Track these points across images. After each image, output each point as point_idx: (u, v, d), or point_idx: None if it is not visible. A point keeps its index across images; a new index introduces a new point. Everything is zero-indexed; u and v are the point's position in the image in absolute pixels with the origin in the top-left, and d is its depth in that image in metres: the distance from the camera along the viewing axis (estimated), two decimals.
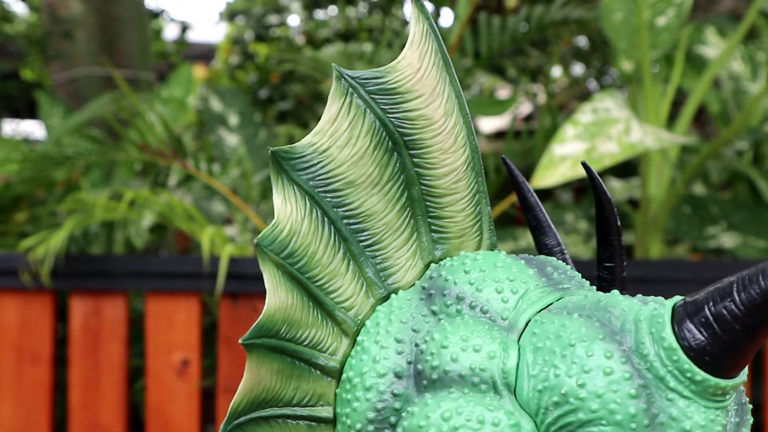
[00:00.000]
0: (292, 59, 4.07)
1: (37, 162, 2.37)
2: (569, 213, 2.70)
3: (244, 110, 3.10)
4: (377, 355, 0.65)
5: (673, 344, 0.58)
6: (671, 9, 2.33)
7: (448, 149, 0.69)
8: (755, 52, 2.69)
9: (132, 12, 3.79)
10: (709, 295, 0.57)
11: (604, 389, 0.57)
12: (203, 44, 7.59)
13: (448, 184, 0.69)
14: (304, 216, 0.66)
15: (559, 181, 1.90)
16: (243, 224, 2.59)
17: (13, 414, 2.16)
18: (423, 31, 0.68)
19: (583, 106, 2.07)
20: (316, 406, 0.66)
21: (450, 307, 0.66)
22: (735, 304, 0.56)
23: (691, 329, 0.57)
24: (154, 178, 2.77)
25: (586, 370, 0.58)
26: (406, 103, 0.67)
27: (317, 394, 0.66)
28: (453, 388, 0.61)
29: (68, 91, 3.67)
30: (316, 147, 0.66)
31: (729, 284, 0.57)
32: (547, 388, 0.59)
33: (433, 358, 0.62)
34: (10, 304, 2.16)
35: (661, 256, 2.33)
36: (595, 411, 0.57)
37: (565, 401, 0.58)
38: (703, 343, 0.57)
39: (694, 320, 0.57)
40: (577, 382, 0.58)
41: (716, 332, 0.57)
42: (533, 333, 0.62)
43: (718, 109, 2.64)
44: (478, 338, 0.62)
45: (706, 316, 0.57)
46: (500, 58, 4.13)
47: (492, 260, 0.68)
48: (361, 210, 0.67)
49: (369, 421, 0.63)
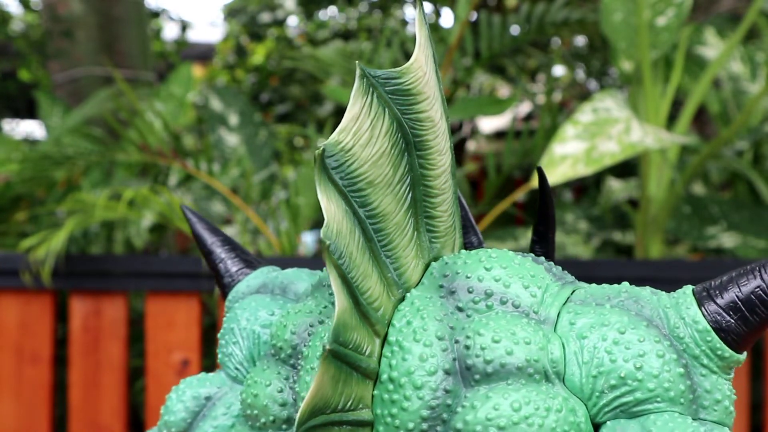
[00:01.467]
0: (292, 57, 4.07)
1: (37, 162, 2.37)
2: (569, 213, 2.70)
3: (244, 110, 3.10)
4: (423, 354, 0.66)
5: (707, 327, 0.66)
6: (671, 9, 2.33)
7: (442, 150, 0.71)
8: (755, 53, 2.69)
9: (132, 12, 3.79)
10: (732, 281, 0.66)
11: (659, 370, 0.64)
12: (203, 44, 7.58)
13: (440, 185, 0.71)
14: (343, 216, 0.66)
15: (559, 180, 1.90)
16: (243, 224, 2.59)
17: (13, 414, 2.16)
18: (426, 35, 0.69)
19: (583, 105, 2.07)
20: (356, 409, 0.67)
21: (479, 303, 0.68)
22: (762, 289, 0.65)
23: (720, 312, 0.66)
24: (154, 178, 2.77)
25: (641, 354, 0.64)
26: (417, 105, 0.68)
27: (358, 397, 0.67)
28: (510, 380, 0.64)
29: (68, 91, 3.67)
30: (342, 146, 0.66)
31: (751, 270, 0.66)
32: (602, 372, 0.64)
33: (485, 353, 0.65)
34: (10, 304, 2.16)
35: (661, 256, 2.33)
36: (652, 390, 0.64)
37: (622, 383, 0.64)
38: (732, 324, 0.65)
39: (721, 304, 0.66)
40: (635, 365, 0.64)
41: (744, 314, 0.65)
42: (571, 324, 0.67)
43: (718, 109, 2.64)
44: (524, 332, 0.66)
45: (734, 300, 0.65)
46: (500, 58, 4.13)
47: (508, 257, 0.71)
48: (379, 210, 0.68)
49: (423, 420, 0.65)
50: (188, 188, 2.93)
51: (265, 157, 2.96)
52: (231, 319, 0.82)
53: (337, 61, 2.76)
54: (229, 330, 0.81)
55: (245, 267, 0.87)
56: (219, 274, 0.88)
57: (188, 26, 5.83)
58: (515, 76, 4.35)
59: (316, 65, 2.95)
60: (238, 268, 0.87)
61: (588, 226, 2.66)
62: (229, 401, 0.80)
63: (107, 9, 3.71)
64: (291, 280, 0.84)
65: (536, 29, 2.67)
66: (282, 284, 0.84)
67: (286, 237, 2.41)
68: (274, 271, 0.86)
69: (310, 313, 0.73)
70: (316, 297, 0.76)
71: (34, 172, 2.41)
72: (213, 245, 0.88)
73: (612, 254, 2.64)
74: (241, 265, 0.88)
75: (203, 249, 0.89)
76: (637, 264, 2.01)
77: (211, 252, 0.88)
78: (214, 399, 0.81)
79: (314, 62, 2.83)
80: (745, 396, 1.94)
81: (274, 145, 3.14)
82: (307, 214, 2.45)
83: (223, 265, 0.87)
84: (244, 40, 5.72)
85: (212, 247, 0.88)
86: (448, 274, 0.71)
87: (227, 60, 5.95)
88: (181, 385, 0.82)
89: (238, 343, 0.81)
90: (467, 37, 2.65)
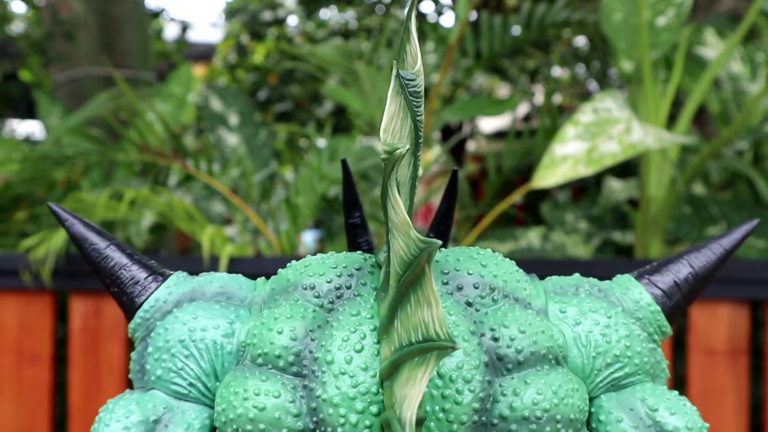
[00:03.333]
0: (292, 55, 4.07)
1: (37, 162, 2.37)
2: (569, 213, 2.70)
3: (244, 110, 3.10)
4: (466, 349, 0.69)
5: (657, 308, 0.79)
6: (671, 9, 2.33)
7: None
8: (755, 53, 2.69)
9: (132, 12, 3.79)
10: (668, 269, 0.80)
11: (640, 347, 0.75)
12: (203, 44, 7.58)
13: (411, 188, 0.74)
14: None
15: (560, 181, 1.90)
16: (243, 224, 2.59)
17: (13, 414, 2.16)
18: (415, 32, 0.71)
19: (583, 106, 2.07)
20: None
21: (485, 298, 0.73)
22: (692, 275, 0.80)
23: (663, 296, 0.79)
24: (154, 178, 2.76)
25: (627, 335, 0.75)
26: (421, 107, 0.70)
27: None
28: (538, 366, 0.70)
29: (68, 91, 3.67)
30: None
31: (680, 259, 0.80)
32: (600, 353, 0.74)
33: (515, 343, 0.70)
34: (10, 304, 2.16)
35: (661, 256, 2.33)
36: (637, 365, 0.75)
37: (616, 361, 0.74)
38: (674, 306, 0.79)
39: (664, 289, 0.79)
40: (625, 345, 0.74)
41: (680, 297, 0.79)
42: (562, 312, 0.75)
43: (718, 109, 2.64)
44: (537, 322, 0.72)
45: (672, 285, 0.80)
46: (500, 58, 4.13)
47: (493, 255, 0.77)
48: None
49: (475, 411, 0.68)
50: (188, 188, 2.93)
51: (265, 157, 2.96)
52: (172, 331, 0.75)
53: (336, 59, 2.75)
54: (175, 342, 0.74)
55: (154, 274, 0.80)
56: (121, 283, 0.79)
57: (188, 27, 5.83)
58: (515, 77, 4.35)
59: (315, 64, 2.95)
60: (147, 275, 0.80)
61: (588, 226, 2.66)
62: (185, 421, 0.73)
63: (107, 9, 3.71)
64: (232, 287, 0.79)
65: (537, 29, 2.66)
66: (222, 291, 0.78)
67: (286, 237, 2.41)
68: (193, 278, 0.81)
69: (303, 318, 0.71)
70: (286, 303, 0.73)
71: (34, 172, 2.41)
72: (109, 249, 0.80)
73: (612, 254, 2.64)
74: (147, 271, 0.80)
75: (95, 254, 0.80)
76: (637, 264, 2.01)
77: (107, 257, 0.79)
78: (164, 421, 0.73)
79: (314, 60, 2.83)
80: (745, 396, 1.94)
81: (274, 145, 3.14)
82: (307, 214, 2.45)
83: (126, 272, 0.79)
84: (244, 39, 5.72)
85: (108, 251, 0.80)
86: (448, 270, 0.74)
87: (227, 60, 5.95)
88: (117, 409, 0.73)
89: (192, 356, 0.74)
90: (467, 37, 2.64)
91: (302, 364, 0.70)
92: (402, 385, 0.65)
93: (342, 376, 0.68)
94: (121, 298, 0.79)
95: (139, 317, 0.78)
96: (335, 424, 0.67)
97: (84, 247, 0.80)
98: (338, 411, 0.67)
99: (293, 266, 0.78)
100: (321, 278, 0.74)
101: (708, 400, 1.95)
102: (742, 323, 1.95)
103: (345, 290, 0.74)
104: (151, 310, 0.78)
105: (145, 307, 0.78)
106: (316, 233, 4.23)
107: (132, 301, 0.79)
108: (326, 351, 0.69)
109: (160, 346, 0.75)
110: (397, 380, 0.66)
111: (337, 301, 0.74)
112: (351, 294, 0.74)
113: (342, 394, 0.68)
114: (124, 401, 0.73)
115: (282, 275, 0.77)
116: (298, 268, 0.77)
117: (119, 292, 0.79)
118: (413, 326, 0.65)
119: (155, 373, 0.75)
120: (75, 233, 0.80)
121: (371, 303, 0.74)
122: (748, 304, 1.96)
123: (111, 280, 0.79)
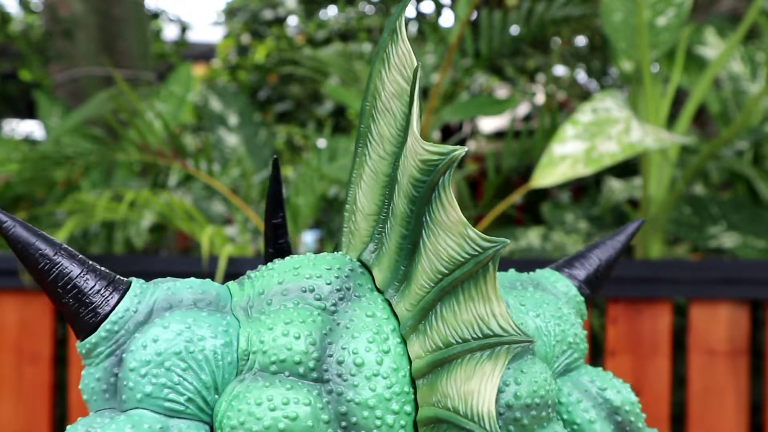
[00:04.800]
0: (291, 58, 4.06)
1: (37, 162, 2.37)
2: (569, 213, 2.70)
3: (243, 110, 3.10)
4: None
5: (582, 298, 0.86)
6: (671, 9, 2.33)
7: None
8: (755, 53, 2.69)
9: (132, 12, 3.79)
10: (581, 263, 0.88)
11: (583, 333, 0.82)
12: (203, 44, 7.58)
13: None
14: None
15: (559, 180, 1.90)
16: (243, 224, 2.59)
17: (13, 414, 2.16)
18: (405, 32, 0.74)
19: (583, 105, 2.07)
20: None
21: None
22: (600, 267, 0.88)
23: (582, 287, 0.87)
24: (154, 178, 2.76)
25: (573, 323, 0.81)
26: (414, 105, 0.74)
27: None
28: (525, 357, 0.74)
29: (68, 91, 3.67)
30: None
31: (590, 254, 0.89)
32: (559, 341, 0.79)
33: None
34: (10, 304, 2.16)
35: (661, 256, 2.33)
36: (582, 350, 0.81)
37: (569, 348, 0.80)
38: (589, 295, 0.87)
39: (582, 280, 0.87)
40: (574, 332, 0.81)
41: (594, 287, 0.88)
42: (522, 305, 0.80)
43: (718, 109, 2.64)
44: (516, 315, 0.79)
45: (588, 277, 0.87)
46: (500, 58, 4.13)
47: None
48: None
49: None
50: (188, 188, 2.93)
51: (265, 157, 2.96)
52: (164, 343, 0.68)
53: (336, 61, 2.75)
54: (170, 355, 0.68)
55: (113, 282, 0.71)
56: (79, 293, 0.70)
57: (188, 27, 5.83)
58: (514, 77, 4.35)
59: (314, 67, 2.94)
60: (106, 283, 0.71)
61: (588, 226, 2.66)
62: None
63: (107, 9, 3.71)
64: (208, 292, 0.73)
65: (537, 27, 2.66)
66: (202, 297, 0.73)
67: None
68: (155, 284, 0.73)
69: (314, 322, 0.70)
70: (288, 307, 0.71)
71: (34, 172, 2.41)
72: (59, 256, 0.70)
73: None
74: (105, 279, 0.71)
75: (43, 261, 0.69)
76: (637, 264, 2.01)
77: (59, 264, 0.70)
78: None
79: (314, 62, 2.83)
80: (745, 396, 1.94)
81: (274, 145, 3.14)
82: (307, 213, 2.45)
83: (83, 281, 0.70)
84: (245, 39, 5.72)
85: (59, 258, 0.70)
86: None
87: (228, 59, 5.95)
88: None
89: (191, 369, 0.68)
90: (467, 37, 2.64)
91: (322, 369, 0.68)
92: (460, 381, 0.66)
93: (375, 377, 0.68)
94: (77, 310, 0.70)
95: (105, 330, 0.70)
96: (371, 427, 0.67)
97: (29, 253, 0.69)
98: (374, 413, 0.67)
99: (278, 268, 0.74)
100: (319, 280, 0.72)
101: (708, 400, 1.95)
102: (742, 323, 1.95)
103: (345, 291, 0.73)
104: (120, 321, 0.70)
105: (113, 318, 0.70)
106: (316, 233, 4.23)
107: (94, 312, 0.70)
108: (352, 354, 0.69)
109: (148, 360, 0.68)
110: (445, 377, 0.67)
111: (340, 303, 0.72)
112: (352, 295, 0.73)
113: (377, 396, 0.67)
114: (115, 426, 0.66)
115: (268, 278, 0.74)
116: (286, 270, 0.74)
117: (75, 304, 0.70)
118: (465, 323, 0.67)
119: (142, 391, 0.67)
120: (17, 237, 0.69)
121: (380, 304, 0.73)
122: (748, 304, 1.96)
123: (64, 291, 0.69)
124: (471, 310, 0.67)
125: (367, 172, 0.76)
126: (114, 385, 0.70)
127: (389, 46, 0.73)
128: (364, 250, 0.76)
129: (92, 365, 0.71)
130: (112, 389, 0.70)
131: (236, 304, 0.73)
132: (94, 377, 0.70)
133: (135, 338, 0.69)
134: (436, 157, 0.65)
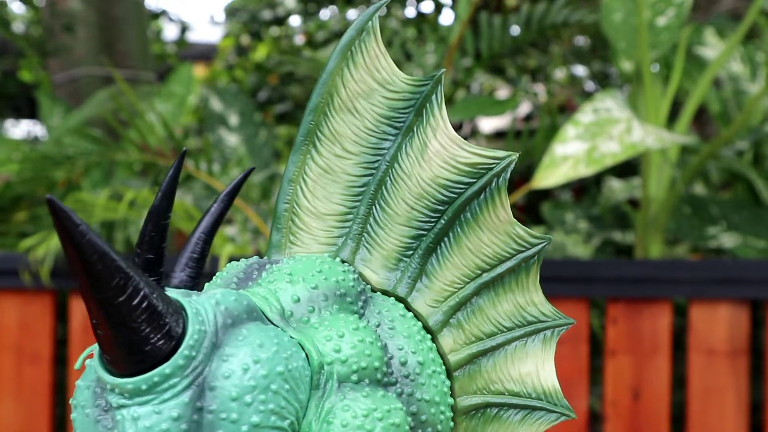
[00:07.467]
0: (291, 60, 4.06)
1: (37, 162, 2.37)
2: (569, 213, 2.70)
3: (244, 110, 3.10)
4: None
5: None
6: (671, 9, 2.33)
7: None
8: (755, 53, 2.69)
9: (132, 12, 3.79)
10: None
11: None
12: (203, 44, 7.58)
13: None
14: None
15: (560, 181, 1.90)
16: (243, 224, 2.59)
17: (13, 414, 2.16)
18: (378, 33, 0.74)
19: (584, 106, 2.07)
20: None
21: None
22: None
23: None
24: (154, 178, 2.76)
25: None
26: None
27: None
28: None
29: (68, 91, 3.67)
30: None
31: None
32: None
33: None
34: (10, 304, 2.16)
35: (661, 256, 2.33)
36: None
37: None
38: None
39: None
40: None
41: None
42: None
43: (718, 109, 2.64)
44: None
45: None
46: (500, 58, 4.13)
47: None
48: None
49: None
50: (188, 188, 2.93)
51: (265, 157, 2.96)
52: (267, 363, 0.59)
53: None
54: (274, 377, 0.59)
55: (171, 301, 0.59)
56: (155, 314, 0.56)
57: (188, 28, 5.83)
58: (515, 77, 4.35)
59: (314, 67, 2.94)
60: (169, 300, 0.58)
61: (588, 226, 2.66)
62: None
63: (107, 9, 3.71)
64: (249, 301, 0.63)
65: (537, 29, 2.66)
66: (249, 308, 0.63)
67: None
68: (193, 296, 0.62)
69: (366, 328, 0.67)
70: (338, 312, 0.67)
71: (34, 172, 2.41)
72: (132, 270, 0.55)
73: (612, 254, 2.64)
74: (166, 298, 0.58)
75: (119, 276, 0.54)
76: (637, 264, 2.01)
77: (131, 279, 0.55)
78: None
79: (313, 64, 2.83)
80: (745, 396, 1.94)
81: (274, 145, 3.14)
82: None
83: (156, 300, 0.56)
84: (244, 39, 5.72)
85: (132, 272, 0.55)
86: None
87: (228, 60, 5.95)
88: None
89: (292, 390, 0.60)
90: (467, 37, 2.64)
91: (390, 372, 0.67)
92: (512, 366, 0.72)
93: (434, 374, 0.70)
94: (149, 335, 0.56)
95: (183, 357, 0.57)
96: (435, 422, 0.69)
97: (106, 265, 0.54)
98: (439, 408, 0.70)
99: (300, 271, 0.68)
100: (344, 283, 0.69)
101: (708, 400, 1.95)
102: (742, 323, 1.95)
103: (365, 294, 0.71)
104: (196, 345, 0.58)
105: (189, 342, 0.57)
106: None
107: (168, 336, 0.57)
108: (412, 354, 0.69)
109: (253, 385, 0.58)
110: (492, 365, 0.72)
111: (365, 306, 0.70)
112: (368, 297, 0.72)
113: (439, 392, 0.70)
114: None
115: (295, 282, 0.67)
116: (311, 273, 0.68)
117: (147, 328, 0.56)
118: (506, 313, 0.72)
119: (248, 422, 0.57)
120: (93, 245, 0.54)
121: (391, 302, 0.72)
122: (748, 304, 1.96)
123: (138, 312, 0.55)
124: (511, 301, 0.72)
125: (315, 170, 0.72)
126: (198, 422, 0.57)
127: (356, 44, 0.72)
128: (340, 251, 0.72)
129: (157, 402, 0.56)
130: (194, 427, 0.57)
131: (268, 313, 0.64)
132: (167, 417, 0.56)
133: (222, 362, 0.58)
134: (489, 161, 0.69)
